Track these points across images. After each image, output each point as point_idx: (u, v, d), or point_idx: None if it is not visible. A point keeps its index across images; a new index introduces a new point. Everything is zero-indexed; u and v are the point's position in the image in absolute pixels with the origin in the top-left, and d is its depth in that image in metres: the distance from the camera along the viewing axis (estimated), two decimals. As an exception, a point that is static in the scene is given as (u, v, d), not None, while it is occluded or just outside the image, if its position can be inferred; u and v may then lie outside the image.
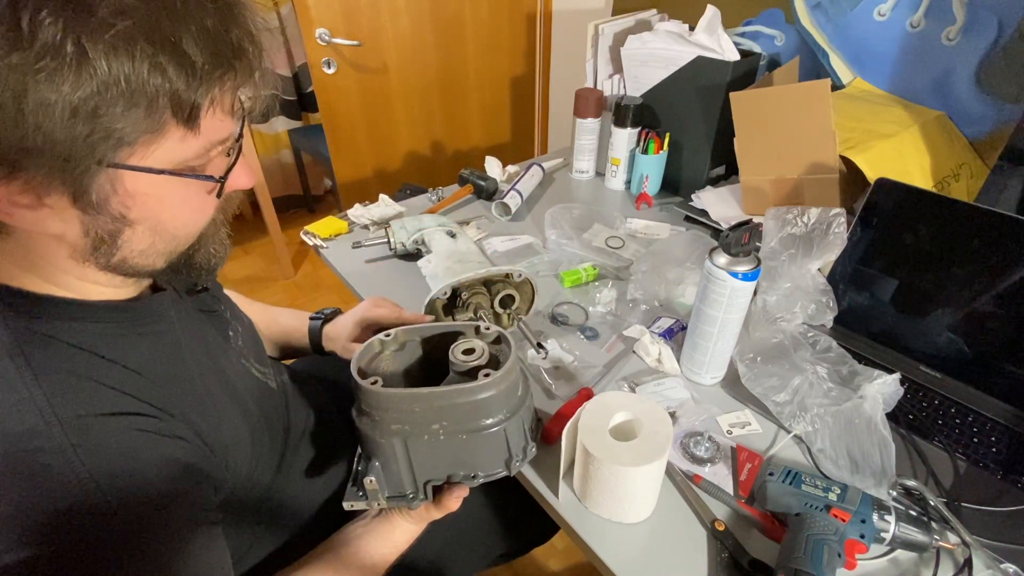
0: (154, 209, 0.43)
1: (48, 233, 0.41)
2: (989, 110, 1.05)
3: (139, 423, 0.44)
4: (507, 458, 0.59)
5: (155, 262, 0.47)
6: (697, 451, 0.68)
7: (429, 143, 2.09)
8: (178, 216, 0.45)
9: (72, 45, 0.33)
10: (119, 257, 0.44)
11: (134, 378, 0.46)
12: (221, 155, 0.45)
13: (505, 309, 0.85)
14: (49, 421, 0.40)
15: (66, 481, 0.39)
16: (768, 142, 1.01)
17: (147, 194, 0.41)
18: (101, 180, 0.39)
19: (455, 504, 0.60)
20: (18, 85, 0.33)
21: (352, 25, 1.70)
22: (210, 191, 0.45)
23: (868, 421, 0.65)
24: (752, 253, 0.68)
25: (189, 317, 0.57)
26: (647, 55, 1.18)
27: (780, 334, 0.79)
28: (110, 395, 0.43)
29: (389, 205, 1.17)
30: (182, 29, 0.36)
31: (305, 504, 0.69)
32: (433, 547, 0.73)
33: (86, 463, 0.40)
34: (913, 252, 0.80)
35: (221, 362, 0.58)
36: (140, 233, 0.43)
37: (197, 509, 0.47)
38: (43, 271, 0.44)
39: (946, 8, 1.03)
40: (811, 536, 0.55)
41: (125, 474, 0.41)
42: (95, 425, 0.41)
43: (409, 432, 0.55)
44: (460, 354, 0.59)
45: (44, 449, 0.39)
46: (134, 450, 0.43)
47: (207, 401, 0.52)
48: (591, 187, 1.33)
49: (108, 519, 0.40)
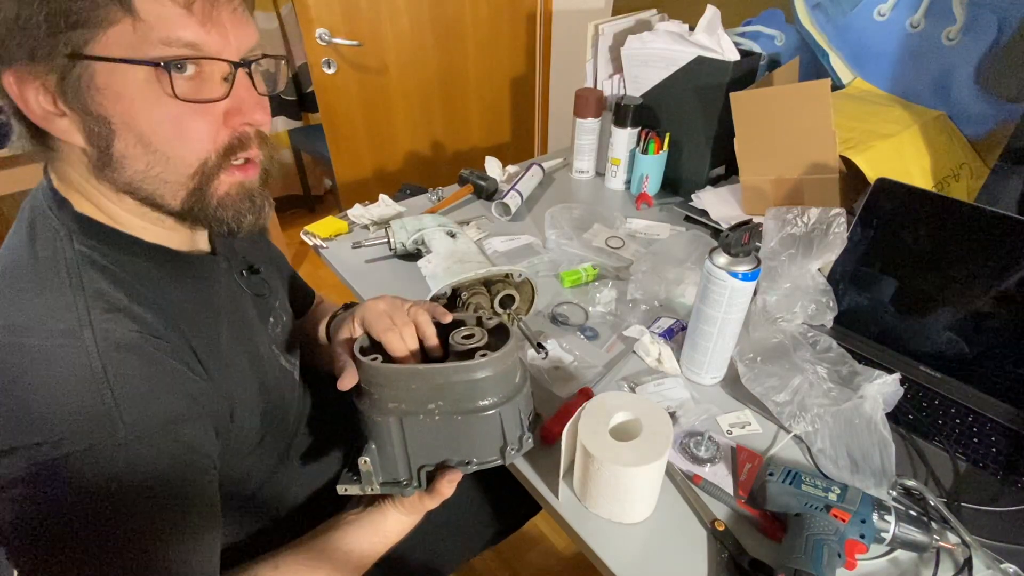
0: (127, 110, 0.45)
1: (74, 143, 0.46)
2: (989, 110, 1.05)
3: (161, 346, 0.48)
4: (502, 445, 0.59)
5: (163, 191, 0.49)
6: (697, 451, 0.68)
7: (429, 143, 2.09)
8: (154, 124, 0.46)
9: None
10: (126, 177, 0.48)
11: (165, 311, 0.50)
12: (203, 69, 0.46)
13: (505, 309, 0.85)
14: (83, 326, 0.44)
15: (83, 379, 0.43)
16: (768, 142, 1.01)
17: (115, 91, 0.44)
18: (76, 72, 0.43)
19: (448, 490, 0.60)
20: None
21: (352, 25, 1.70)
22: (170, 93, 0.45)
23: (868, 421, 0.65)
24: (752, 253, 0.68)
25: (237, 291, 0.61)
26: (647, 55, 1.18)
27: (780, 334, 0.79)
28: (143, 318, 0.48)
29: (389, 205, 1.17)
30: None
31: (302, 491, 0.71)
32: (422, 535, 0.73)
33: (105, 366, 0.43)
34: (913, 252, 0.80)
35: (255, 338, 0.62)
36: (132, 146, 0.46)
37: (195, 439, 0.48)
38: (88, 193, 0.50)
39: (946, 8, 1.03)
40: (811, 536, 0.55)
41: (137, 387, 0.44)
42: (122, 337, 0.45)
43: (405, 411, 0.56)
44: (460, 338, 0.60)
45: (72, 347, 0.43)
46: (150, 366, 0.46)
47: (226, 356, 0.55)
48: (591, 187, 1.33)
49: (111, 419, 0.43)
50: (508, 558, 1.40)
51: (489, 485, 0.87)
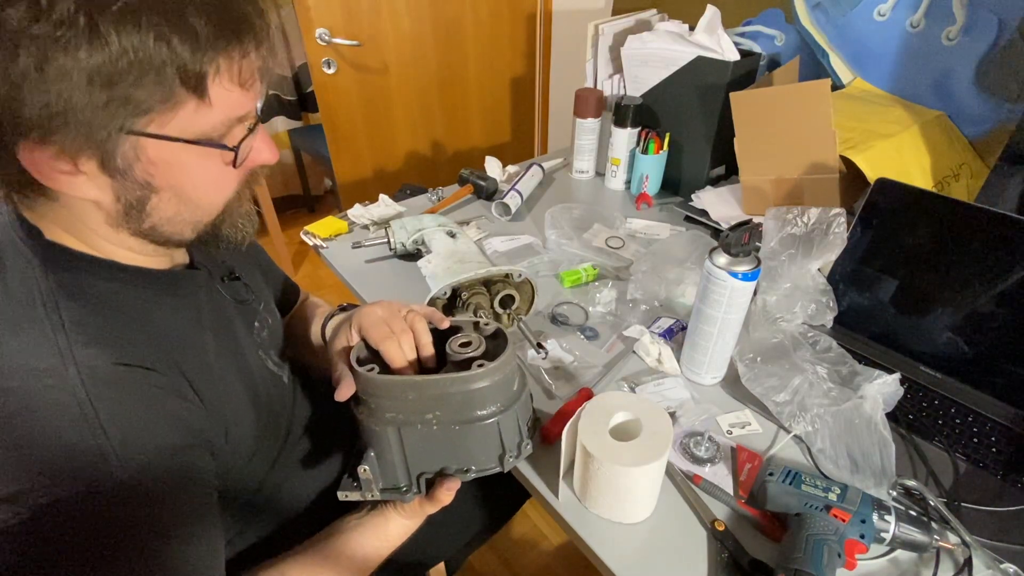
0: (176, 177, 0.45)
1: (87, 198, 0.44)
2: (989, 110, 1.05)
3: (150, 377, 0.47)
4: (500, 453, 0.59)
5: (183, 230, 0.50)
6: (697, 451, 0.68)
7: (429, 143, 2.09)
8: (199, 185, 0.48)
9: (84, 18, 0.36)
10: (149, 224, 0.47)
11: (152, 337, 0.49)
12: (241, 130, 0.47)
13: (505, 309, 0.85)
14: (67, 362, 0.42)
15: (72, 417, 0.41)
16: (768, 142, 1.01)
17: (168, 162, 0.44)
18: (125, 148, 0.42)
19: (447, 497, 0.60)
20: (39, 54, 0.36)
21: (352, 25, 1.70)
22: (227, 162, 0.47)
23: (868, 421, 0.65)
24: (752, 253, 0.68)
25: (220, 301, 0.60)
26: (647, 55, 1.18)
27: (780, 334, 0.79)
28: (127, 348, 0.46)
29: (389, 205, 1.17)
30: (186, 1, 0.39)
31: (300, 496, 0.70)
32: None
33: (94, 403, 0.42)
34: (913, 252, 0.80)
35: (242, 349, 0.61)
36: (166, 200, 0.46)
37: (193, 466, 0.48)
38: (82, 234, 0.47)
39: (946, 8, 1.03)
40: (811, 536, 0.55)
41: (129, 419, 0.44)
42: (108, 372, 0.44)
43: (403, 420, 0.56)
44: (457, 346, 0.59)
45: (56, 387, 0.42)
46: (140, 399, 0.45)
47: (216, 375, 0.54)
48: (591, 187, 1.33)
49: (107, 458, 0.42)
50: (508, 558, 1.40)
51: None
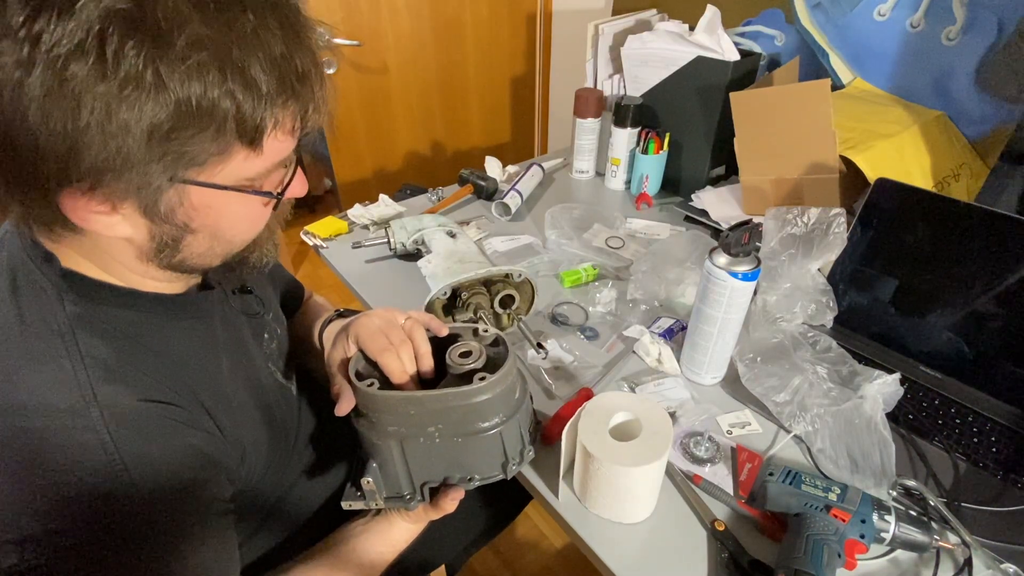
0: (215, 220, 0.46)
1: (119, 236, 0.44)
2: (989, 110, 1.05)
3: (169, 412, 0.47)
4: (503, 461, 0.58)
5: (212, 262, 0.51)
6: (697, 451, 0.68)
7: (429, 143, 2.09)
8: (236, 225, 0.49)
9: (152, 75, 0.36)
10: (179, 258, 0.48)
11: (170, 368, 0.49)
12: (280, 172, 0.48)
13: (505, 309, 0.85)
14: (88, 401, 0.42)
15: (96, 459, 0.41)
16: (768, 142, 1.01)
17: (210, 207, 0.45)
18: (170, 194, 0.42)
19: (451, 506, 0.60)
20: (103, 110, 0.36)
21: (352, 25, 1.70)
22: (267, 204, 0.49)
23: (868, 421, 0.65)
24: (752, 253, 0.68)
25: (232, 318, 0.60)
26: (647, 55, 1.18)
27: (780, 334, 0.79)
28: (147, 382, 0.46)
29: (389, 205, 1.17)
30: (251, 57, 0.39)
31: (305, 503, 0.70)
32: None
33: (117, 444, 0.42)
34: (913, 252, 0.80)
35: (254, 364, 0.61)
36: (201, 239, 0.47)
37: (213, 498, 0.49)
38: (104, 263, 0.47)
39: (946, 8, 1.03)
40: (811, 536, 0.55)
41: (152, 458, 0.44)
42: (130, 409, 0.44)
43: (405, 434, 0.55)
44: (457, 357, 0.58)
45: (80, 427, 0.41)
46: (162, 437, 0.45)
47: (233, 401, 0.54)
48: (591, 187, 1.33)
49: (131, 500, 0.42)
50: (508, 558, 1.40)
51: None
